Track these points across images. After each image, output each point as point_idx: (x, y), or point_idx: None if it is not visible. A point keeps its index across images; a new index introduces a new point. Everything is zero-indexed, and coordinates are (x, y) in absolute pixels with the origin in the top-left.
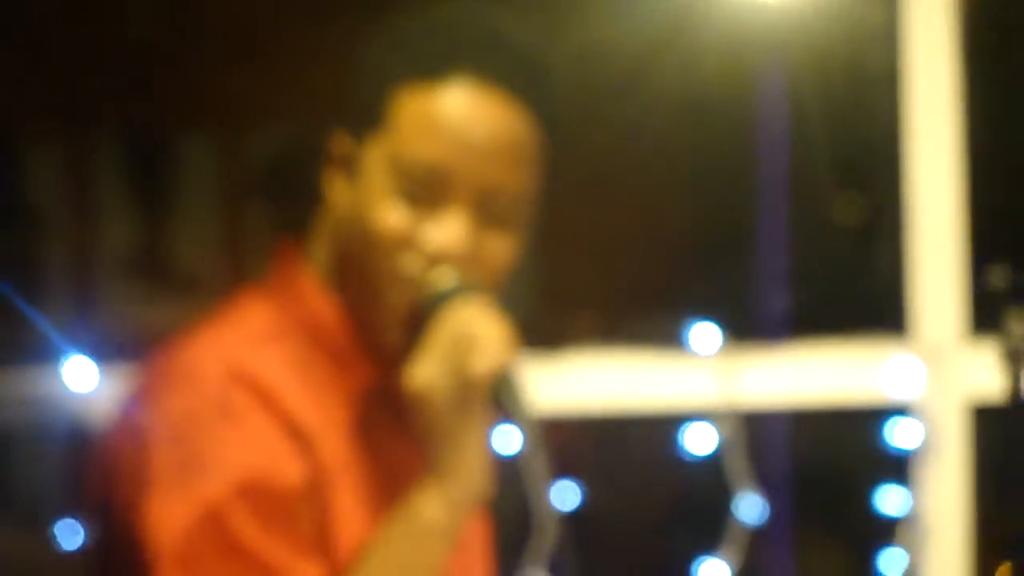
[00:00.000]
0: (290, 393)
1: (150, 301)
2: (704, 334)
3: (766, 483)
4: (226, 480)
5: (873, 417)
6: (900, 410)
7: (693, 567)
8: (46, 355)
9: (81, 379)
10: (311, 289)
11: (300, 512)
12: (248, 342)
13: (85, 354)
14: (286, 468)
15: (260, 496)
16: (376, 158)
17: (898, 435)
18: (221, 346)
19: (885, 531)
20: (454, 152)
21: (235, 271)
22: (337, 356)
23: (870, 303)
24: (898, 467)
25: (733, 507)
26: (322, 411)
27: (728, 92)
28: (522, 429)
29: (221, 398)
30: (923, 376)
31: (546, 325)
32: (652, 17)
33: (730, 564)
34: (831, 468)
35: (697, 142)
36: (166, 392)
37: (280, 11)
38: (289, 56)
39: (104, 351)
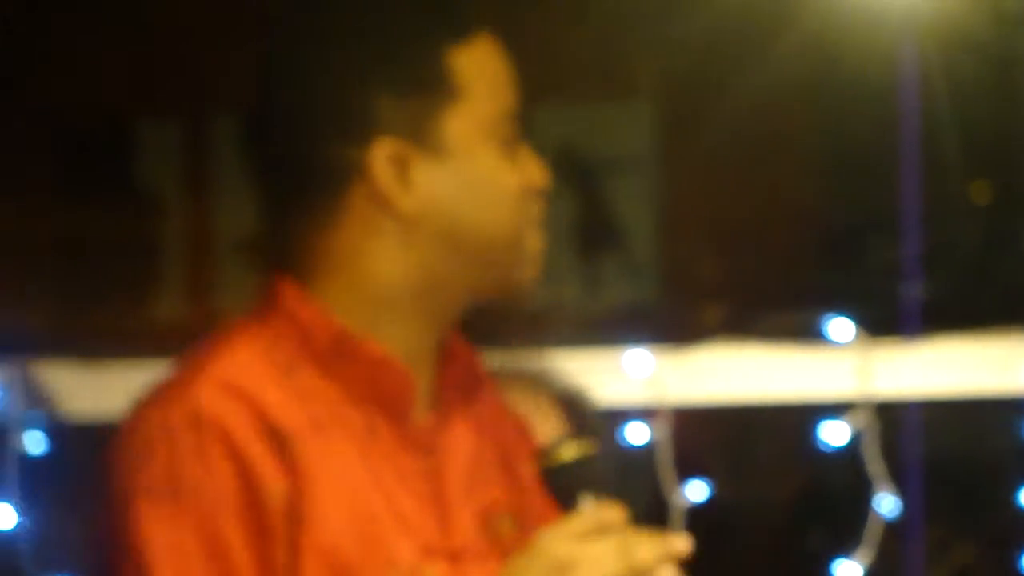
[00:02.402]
0: (272, 397)
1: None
2: (838, 327)
3: (902, 479)
4: (215, 495)
5: (1014, 411)
6: None
7: (828, 563)
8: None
9: None
10: (298, 299)
11: (280, 523)
12: (229, 351)
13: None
14: (270, 479)
15: (247, 509)
16: (464, 126)
17: None
18: (206, 357)
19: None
20: (513, 96)
21: None
22: (324, 363)
23: (1009, 293)
24: None
25: (868, 502)
26: (306, 415)
27: (862, 75)
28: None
29: (201, 410)
30: None
31: (676, 318)
32: None
33: (865, 560)
34: (970, 464)
35: (829, 127)
36: (154, 406)
37: None
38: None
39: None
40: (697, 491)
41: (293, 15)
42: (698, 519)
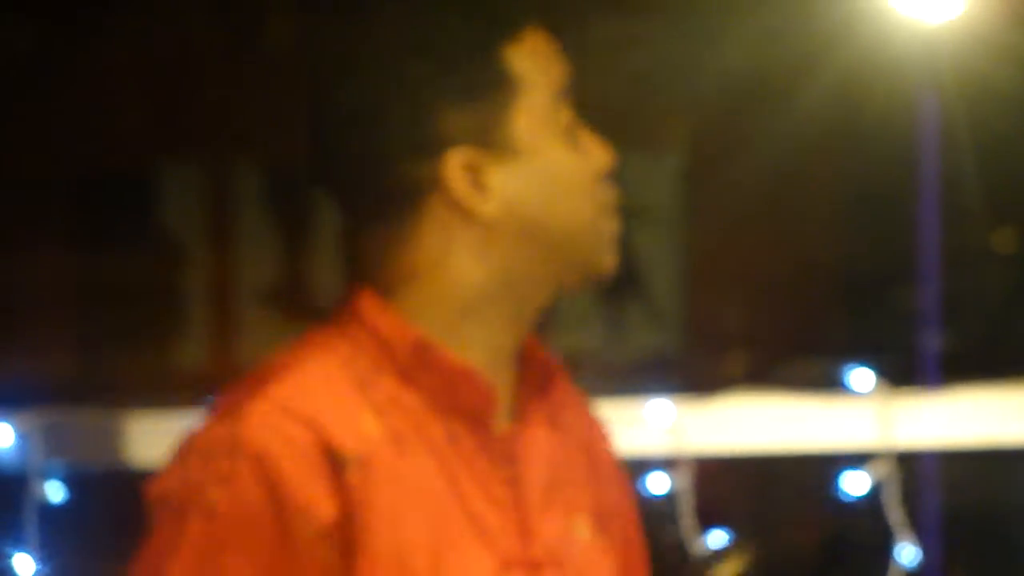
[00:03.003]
0: (337, 417)
1: (290, 334)
2: (859, 376)
3: (922, 529)
4: (238, 523)
5: None
6: None
7: None
8: (184, 393)
9: None
10: (377, 310)
11: (323, 552)
12: (300, 368)
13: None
14: (315, 506)
15: (279, 538)
16: (528, 122)
17: None
18: (273, 375)
19: None
20: (566, 78)
21: None
22: (406, 373)
23: None
24: None
25: (889, 552)
26: (382, 429)
27: (884, 125)
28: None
29: (241, 434)
30: None
31: (698, 367)
32: (804, 42)
33: None
34: (990, 514)
35: (850, 177)
36: (206, 425)
37: None
38: None
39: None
40: (718, 540)
41: (337, 40)
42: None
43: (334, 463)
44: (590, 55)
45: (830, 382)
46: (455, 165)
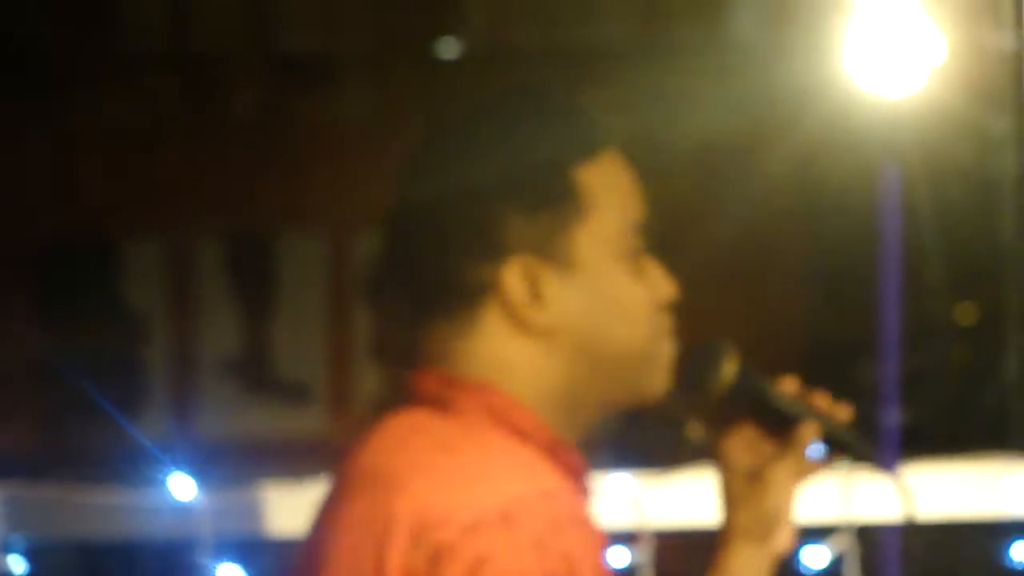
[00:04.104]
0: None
1: (252, 408)
2: (818, 450)
3: None
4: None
5: (994, 536)
6: (1021, 530)
7: None
8: (146, 467)
9: (182, 490)
10: (509, 404)
11: None
12: (513, 462)
13: (184, 465)
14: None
15: None
16: (592, 242)
17: (1020, 555)
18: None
19: None
20: (638, 209)
21: (339, 376)
22: (551, 451)
23: (990, 417)
24: None
25: None
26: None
27: (844, 194)
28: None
29: (569, 509)
30: None
31: (659, 441)
32: (765, 116)
33: None
34: None
35: (811, 249)
36: (531, 512)
37: (385, 110)
38: (394, 155)
39: (204, 460)
40: None
41: (430, 132)
42: None
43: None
44: None
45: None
46: (514, 272)
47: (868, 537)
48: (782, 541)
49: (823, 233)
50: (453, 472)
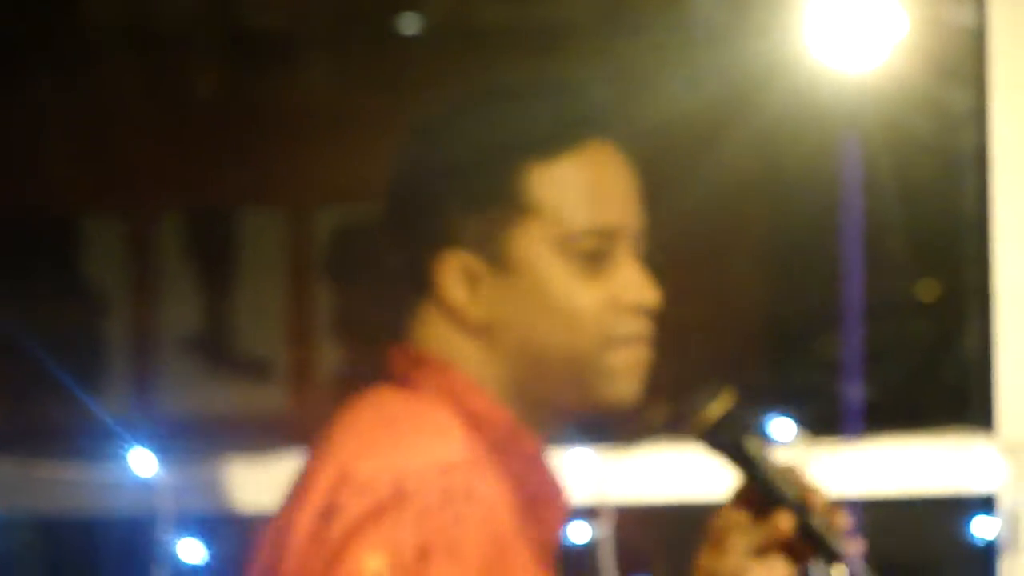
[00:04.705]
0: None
1: (213, 384)
2: (780, 425)
3: None
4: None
5: (954, 512)
6: (982, 505)
7: None
8: (106, 442)
9: (143, 466)
10: (469, 388)
11: None
12: (451, 430)
13: (145, 441)
14: (519, 555)
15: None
16: (532, 244)
17: (980, 530)
18: (427, 436)
19: None
20: (615, 210)
21: (300, 353)
22: (496, 450)
23: (951, 393)
24: (980, 563)
25: None
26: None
27: (806, 171)
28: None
29: (473, 482)
30: (1005, 471)
31: (620, 416)
32: (725, 92)
33: None
34: (912, 564)
35: (773, 225)
36: (421, 476)
37: (345, 87)
38: (354, 132)
39: (165, 436)
40: None
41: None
42: None
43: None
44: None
45: (751, 431)
46: (452, 267)
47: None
48: None
49: (785, 208)
50: (377, 444)
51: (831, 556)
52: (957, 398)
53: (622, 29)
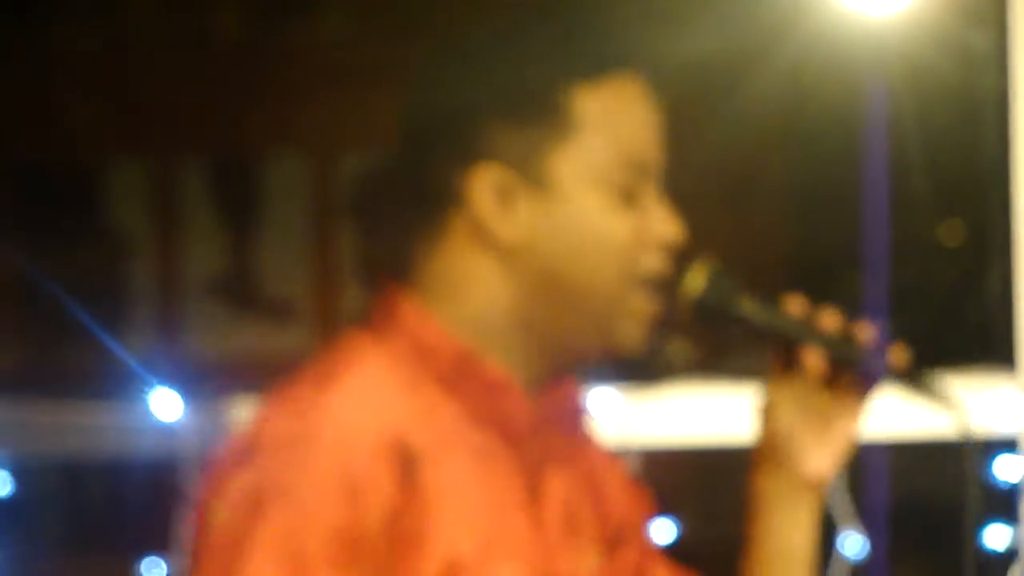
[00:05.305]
0: (404, 413)
1: (237, 326)
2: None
3: (867, 519)
4: (311, 509)
5: (979, 452)
6: (1005, 445)
7: None
8: (130, 385)
9: (167, 409)
10: (419, 318)
11: (382, 544)
12: (360, 365)
13: (169, 384)
14: (382, 497)
15: (345, 529)
16: (573, 166)
17: (1003, 470)
18: (337, 370)
19: (990, 568)
20: (649, 143)
21: (323, 294)
22: (445, 382)
23: (974, 333)
24: (1004, 503)
25: (833, 542)
26: (432, 433)
27: (829, 113)
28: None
29: (321, 422)
30: None
31: (643, 356)
32: (750, 37)
33: None
34: (936, 505)
35: (797, 167)
36: (277, 414)
37: (368, 32)
38: (377, 78)
39: (189, 378)
40: (665, 531)
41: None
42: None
43: (405, 458)
44: None
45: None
46: (485, 181)
47: (853, 453)
48: (809, 468)
49: (808, 150)
50: (283, 394)
51: (872, 369)
52: (980, 339)
53: None
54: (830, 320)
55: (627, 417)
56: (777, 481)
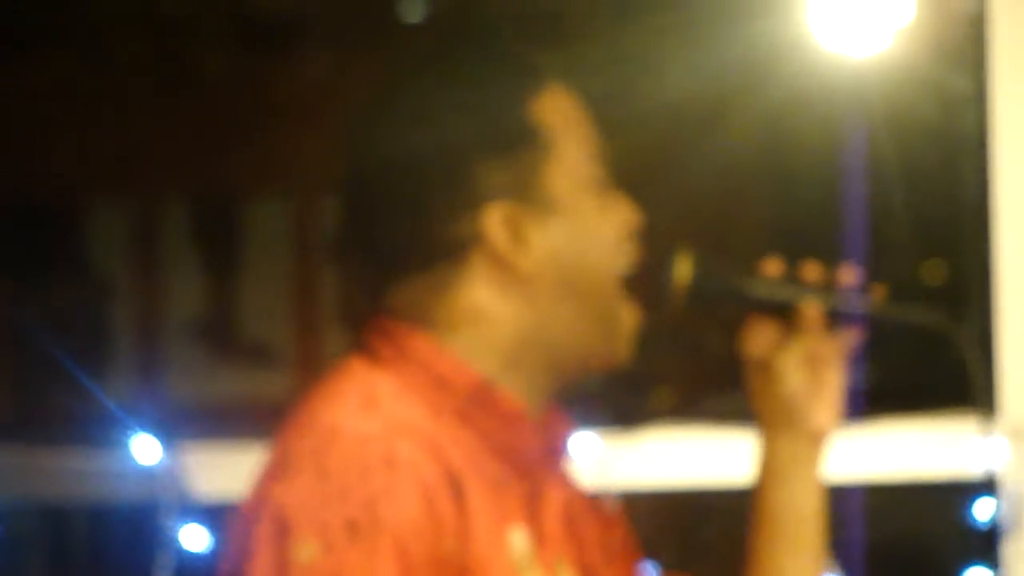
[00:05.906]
0: (442, 440)
1: (218, 370)
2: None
3: (845, 561)
4: (405, 536)
5: (956, 495)
6: (984, 488)
7: None
8: (112, 430)
9: (148, 453)
10: (433, 350)
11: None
12: (390, 394)
13: (150, 429)
14: (449, 524)
15: (430, 550)
16: (561, 179)
17: (982, 513)
18: (359, 406)
19: None
20: (592, 140)
21: (305, 338)
22: (461, 413)
23: (953, 377)
24: (983, 546)
25: None
26: (461, 463)
27: (808, 155)
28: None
29: (395, 449)
30: (1008, 453)
31: (624, 401)
32: (730, 77)
33: None
34: (913, 547)
35: (775, 205)
36: (332, 446)
37: (350, 74)
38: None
39: (170, 422)
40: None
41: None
42: None
43: (455, 485)
44: None
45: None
46: (495, 220)
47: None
48: (816, 422)
49: (787, 192)
50: (312, 416)
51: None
52: (959, 381)
53: (626, 10)
54: (814, 272)
55: (607, 460)
56: (792, 441)
